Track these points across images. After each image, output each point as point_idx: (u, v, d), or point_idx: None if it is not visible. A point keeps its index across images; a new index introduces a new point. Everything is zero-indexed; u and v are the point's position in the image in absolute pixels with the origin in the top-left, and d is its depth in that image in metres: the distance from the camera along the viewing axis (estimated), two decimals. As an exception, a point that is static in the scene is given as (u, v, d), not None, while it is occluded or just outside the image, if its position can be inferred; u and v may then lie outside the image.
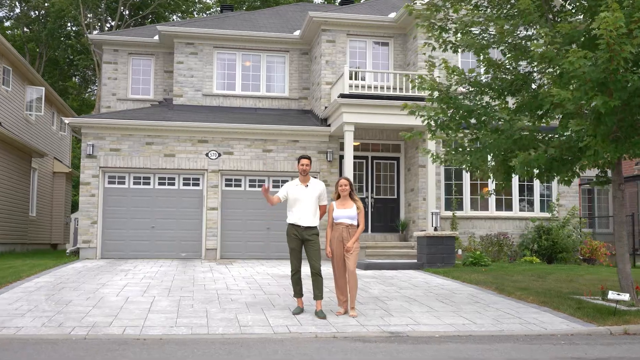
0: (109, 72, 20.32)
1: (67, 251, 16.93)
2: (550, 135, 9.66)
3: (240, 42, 19.63)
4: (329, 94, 17.84)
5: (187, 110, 18.92)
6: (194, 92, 19.27)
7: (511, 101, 10.59)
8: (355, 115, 15.87)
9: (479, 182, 17.18)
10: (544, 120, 10.01)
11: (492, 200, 17.15)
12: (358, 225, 8.27)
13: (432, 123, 10.18)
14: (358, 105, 15.85)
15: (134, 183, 17.21)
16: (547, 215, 17.11)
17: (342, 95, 15.86)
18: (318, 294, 8.08)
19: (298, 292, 8.32)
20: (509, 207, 17.19)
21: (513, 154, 9.80)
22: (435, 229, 14.48)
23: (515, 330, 7.55)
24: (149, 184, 17.26)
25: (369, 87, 16.61)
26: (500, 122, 9.91)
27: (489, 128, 9.53)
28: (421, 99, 16.26)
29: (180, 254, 17.10)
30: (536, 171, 9.85)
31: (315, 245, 8.18)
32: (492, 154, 9.81)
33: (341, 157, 17.71)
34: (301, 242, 8.23)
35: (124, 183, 17.16)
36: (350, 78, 16.48)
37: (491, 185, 17.00)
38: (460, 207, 17.01)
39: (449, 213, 16.50)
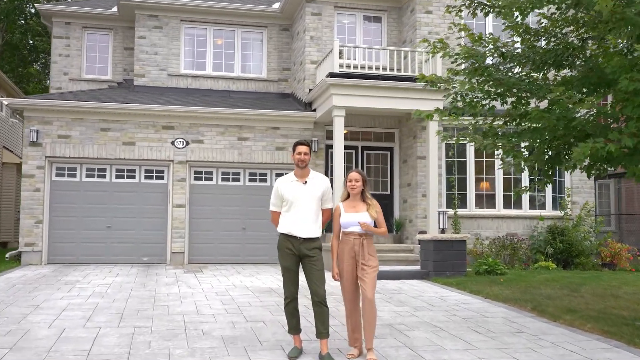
0: (60, 49, 17.72)
1: (7, 255, 14.42)
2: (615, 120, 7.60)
3: (212, 15, 17.22)
4: (314, 75, 15.60)
5: (150, 92, 16.49)
6: (158, 71, 16.83)
7: (551, 76, 8.54)
8: (346, 98, 13.67)
9: (484, 175, 15.15)
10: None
11: (499, 197, 15.13)
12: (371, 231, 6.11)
13: (459, 101, 8.04)
14: (350, 87, 13.65)
15: (87, 175, 14.75)
16: (559, 213, 15.18)
17: (332, 75, 13.64)
18: (323, 331, 5.88)
19: (294, 327, 6.11)
20: (518, 205, 15.21)
21: (559, 141, 7.80)
22: (443, 231, 12.40)
23: (596, 381, 5.48)
24: (104, 176, 14.82)
25: (362, 67, 14.41)
26: (545, 100, 7.87)
27: (538, 108, 7.41)
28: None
29: (141, 259, 14.73)
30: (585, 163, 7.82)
31: (318, 263, 5.98)
32: (536, 141, 7.71)
33: (328, 147, 15.51)
34: (298, 260, 6.02)
35: (74, 176, 14.69)
36: (340, 57, 14.26)
37: (503, 178, 15.01)
38: (463, 204, 14.97)
39: (450, 211, 14.42)
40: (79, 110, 14.44)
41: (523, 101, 7.86)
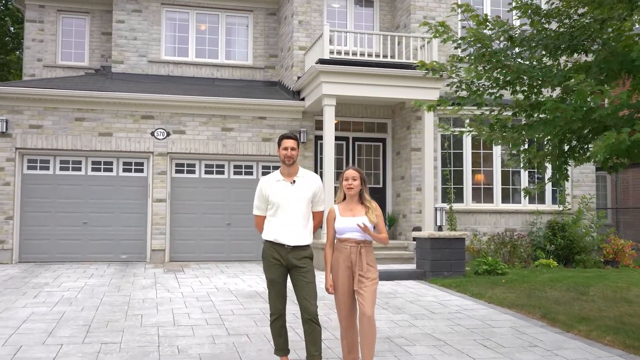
0: (33, 33, 16.71)
1: (-25, 254, 13.52)
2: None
3: (195, -1, 16.30)
4: (303, 62, 14.75)
5: (129, 79, 15.57)
6: (138, 57, 15.89)
7: (562, 62, 7.79)
8: (337, 86, 12.86)
9: (481, 168, 14.42)
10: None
11: (497, 191, 14.41)
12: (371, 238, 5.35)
13: (464, 90, 7.26)
14: (341, 74, 12.83)
15: (61, 168, 13.85)
16: (559, 208, 14.48)
17: (322, 61, 12.81)
18: (315, 353, 5.10)
19: (281, 348, 5.33)
20: (517, 199, 14.50)
21: (574, 134, 7.07)
22: (440, 228, 11.66)
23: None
24: (79, 169, 13.93)
25: (353, 53, 13.59)
26: (556, 90, 7.12)
27: (552, 98, 6.64)
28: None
29: (120, 256, 13.89)
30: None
31: (309, 275, 5.20)
32: (550, 134, 6.95)
33: (317, 138, 14.71)
34: (286, 271, 5.25)
35: (48, 168, 13.78)
36: (330, 43, 13.42)
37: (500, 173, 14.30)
38: (459, 198, 14.24)
39: (445, 206, 13.65)
40: (51, 98, 13.52)
41: (535, 90, 7.09)
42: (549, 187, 14.70)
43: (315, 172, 14.36)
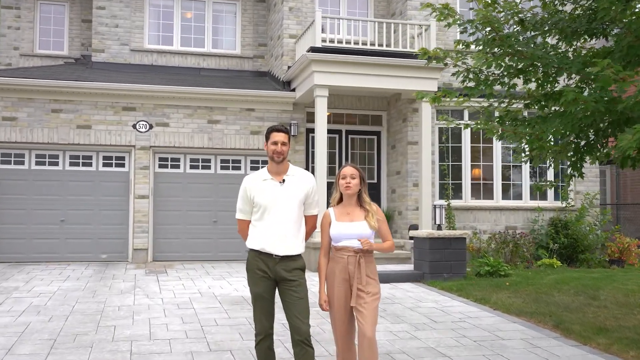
0: (10, 20, 15.84)
1: (-55, 254, 12.73)
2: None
3: (180, -16, 15.49)
4: (293, 51, 14.00)
5: (110, 69, 14.76)
6: (120, 46, 15.08)
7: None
8: (330, 76, 12.13)
9: (481, 163, 13.76)
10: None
11: (497, 187, 13.76)
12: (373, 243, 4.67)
13: (471, 79, 6.57)
14: (333, 63, 12.10)
15: (37, 163, 13.06)
16: (561, 204, 13.86)
17: (313, 50, 12.07)
18: (307, 380, 4.41)
19: (269, 374, 4.64)
20: (518, 196, 13.86)
21: (593, 128, 6.41)
22: (439, 227, 10.98)
23: None
24: (57, 164, 13.14)
25: (347, 42, 12.86)
26: (572, 79, 6.45)
27: (569, 87, 5.96)
28: (416, 55, 12.65)
29: (99, 256, 13.14)
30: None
31: (300, 289, 4.50)
32: (567, 128, 6.27)
33: (308, 131, 13.99)
34: (274, 285, 4.55)
35: (22, 163, 12.98)
36: (322, 31, 12.67)
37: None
38: (458, 194, 13.58)
39: (443, 203, 12.96)
40: (26, 88, 12.71)
41: (550, 79, 6.40)
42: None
43: (307, 167, 13.66)
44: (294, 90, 13.69)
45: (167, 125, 13.41)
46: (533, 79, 6.48)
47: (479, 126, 6.51)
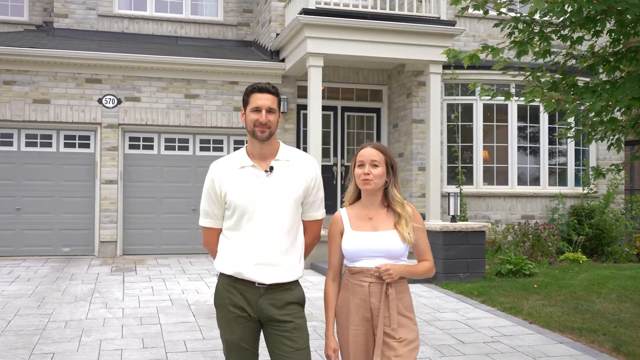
0: (-40, -19, 13.97)
1: None
2: None
3: (153, -59, 13.68)
4: (283, 16, 12.30)
5: (73, 36, 12.99)
6: (86, 11, 13.29)
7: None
8: (325, 43, 10.47)
9: (494, 144, 12.22)
10: None
11: (512, 171, 12.23)
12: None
13: (522, 31, 4.98)
14: (329, 28, 10.44)
15: (-13, 143, 11.35)
16: (583, 191, 12.38)
17: (306, 12, 10.39)
18: None
19: None
20: (536, 181, 12.35)
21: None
22: (453, 219, 9.44)
23: None
24: (10, 144, 11.44)
25: (345, 4, 11.17)
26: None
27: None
28: (423, 19, 11.04)
29: (61, 249, 11.49)
30: None
31: (298, 335, 2.93)
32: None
33: (300, 108, 12.36)
34: (256, 329, 2.99)
35: (-30, 143, 11.27)
36: (315, -9, 10.98)
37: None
38: (469, 180, 12.05)
39: (455, 190, 11.45)
40: (-27, 56, 10.97)
41: (629, 29, 4.82)
42: (571, 167, 12.57)
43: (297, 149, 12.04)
44: (283, 60, 12.03)
45: (138, 100, 11.71)
46: (605, 32, 4.90)
47: (530, 97, 4.92)
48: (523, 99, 5.46)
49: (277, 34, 12.05)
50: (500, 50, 4.83)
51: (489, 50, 4.94)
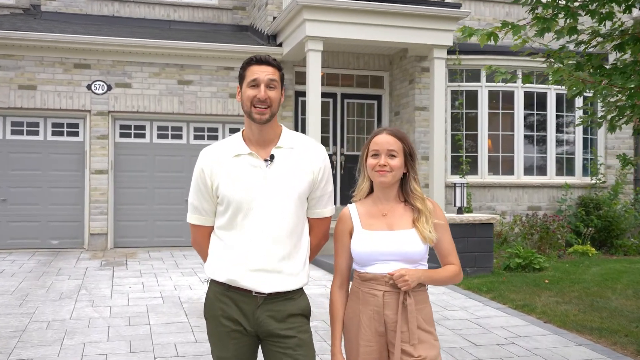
0: (-56, -38, 13.39)
1: None
2: None
3: None
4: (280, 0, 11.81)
5: (61, 19, 12.46)
6: (74, -7, 12.76)
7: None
8: (325, 26, 9.99)
9: (500, 133, 11.78)
10: None
11: (518, 160, 11.81)
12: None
13: (546, 5, 4.52)
14: (329, 10, 9.95)
15: (-29, 131, 10.86)
16: (590, 181, 11.97)
17: (305, -7, 9.90)
18: None
19: None
20: (542, 171, 11.92)
21: None
22: (460, 211, 9.01)
23: None
24: (-5, 132, 10.96)
25: (343, -15, 10.67)
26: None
27: None
28: (427, 1, 10.56)
29: (50, 242, 11.03)
30: None
31: (302, 353, 2.49)
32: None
33: (298, 95, 11.89)
34: (254, 344, 2.55)
35: (-48, 131, 10.78)
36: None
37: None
38: (473, 169, 11.62)
39: (461, 180, 11.02)
40: (-45, 40, 10.45)
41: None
42: (579, 156, 12.15)
43: (296, 136, 11.58)
44: (280, 45, 11.54)
45: (129, 87, 11.22)
46: (637, 5, 4.46)
47: (555, 75, 4.47)
48: (530, 85, 5.03)
49: (274, 18, 11.55)
50: (523, 27, 4.37)
51: (509, 27, 4.48)
